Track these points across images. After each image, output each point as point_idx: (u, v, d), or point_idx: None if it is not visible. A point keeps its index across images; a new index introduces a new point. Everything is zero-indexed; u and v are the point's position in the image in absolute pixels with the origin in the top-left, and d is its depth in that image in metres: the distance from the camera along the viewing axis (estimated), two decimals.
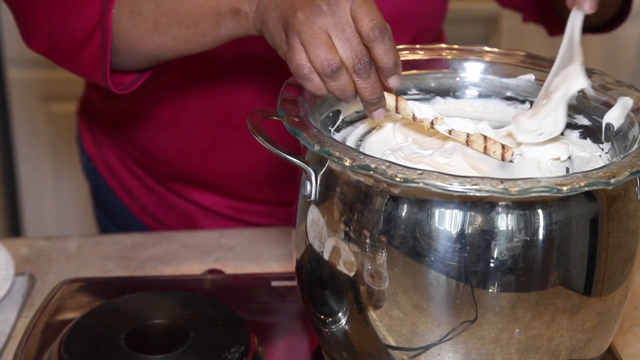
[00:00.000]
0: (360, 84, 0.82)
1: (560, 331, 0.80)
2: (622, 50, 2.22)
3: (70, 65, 1.07)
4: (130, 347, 0.95)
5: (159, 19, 0.98)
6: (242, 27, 0.92)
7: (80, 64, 1.04)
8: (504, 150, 0.86)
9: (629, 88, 0.91)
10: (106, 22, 1.00)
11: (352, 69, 0.81)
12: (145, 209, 1.36)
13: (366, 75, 0.82)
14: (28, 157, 2.32)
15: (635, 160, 0.78)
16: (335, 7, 0.81)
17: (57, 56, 1.07)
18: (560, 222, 0.77)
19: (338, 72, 0.81)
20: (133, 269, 1.17)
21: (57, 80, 2.21)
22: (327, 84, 0.82)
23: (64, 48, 1.04)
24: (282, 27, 0.84)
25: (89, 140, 1.38)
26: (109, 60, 1.01)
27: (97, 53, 1.01)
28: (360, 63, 0.81)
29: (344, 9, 0.81)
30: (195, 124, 1.23)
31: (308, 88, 0.83)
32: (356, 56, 0.81)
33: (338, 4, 0.81)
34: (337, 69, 0.81)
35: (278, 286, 1.10)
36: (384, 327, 0.82)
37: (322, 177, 0.83)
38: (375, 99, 0.83)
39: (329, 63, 0.81)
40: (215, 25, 0.95)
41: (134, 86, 1.06)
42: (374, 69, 0.82)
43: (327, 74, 0.81)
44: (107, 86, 1.04)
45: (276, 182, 1.26)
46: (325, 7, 0.81)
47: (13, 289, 1.10)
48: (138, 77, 1.06)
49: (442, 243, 0.77)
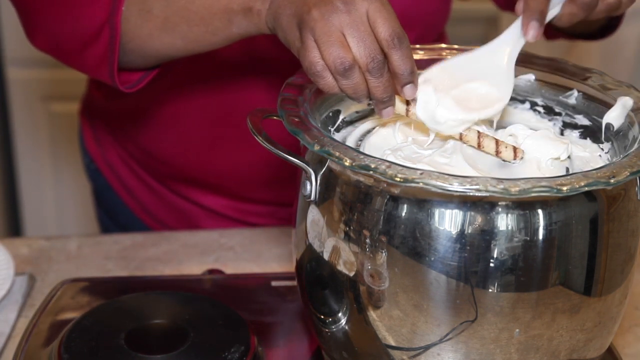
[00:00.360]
0: (372, 83, 0.82)
1: (560, 331, 0.80)
2: (622, 50, 2.22)
3: (75, 63, 1.06)
4: (130, 347, 0.95)
5: (169, 17, 0.97)
6: (254, 25, 0.92)
7: (86, 62, 1.03)
8: (515, 152, 0.86)
9: (629, 88, 0.91)
10: (115, 20, 0.99)
11: (365, 68, 0.81)
12: (147, 209, 1.36)
13: (379, 74, 0.81)
14: (28, 157, 2.32)
15: (635, 160, 0.78)
16: (351, 6, 0.81)
17: (62, 54, 1.06)
18: (560, 222, 0.77)
19: (351, 70, 0.81)
20: (133, 269, 1.17)
21: (57, 80, 2.21)
22: (339, 82, 0.82)
23: (70, 46, 1.04)
24: (296, 24, 0.83)
25: (91, 140, 1.38)
26: (116, 59, 1.01)
27: (104, 51, 1.01)
28: (373, 62, 0.81)
29: (359, 8, 0.81)
30: (198, 124, 1.23)
31: (320, 86, 0.83)
32: (369, 55, 0.81)
33: (354, 2, 0.81)
34: (349, 67, 0.81)
35: (278, 286, 1.10)
36: (384, 327, 0.82)
37: (322, 177, 0.83)
38: (386, 97, 0.83)
39: (342, 61, 0.80)
40: (227, 24, 0.94)
41: (140, 84, 1.05)
42: (387, 68, 0.82)
43: (339, 72, 0.81)
44: (114, 84, 1.03)
45: (277, 182, 1.26)
46: (341, 5, 0.81)
47: (13, 289, 1.10)
48: (145, 75, 1.05)
49: (442, 243, 0.77)
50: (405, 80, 0.83)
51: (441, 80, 0.88)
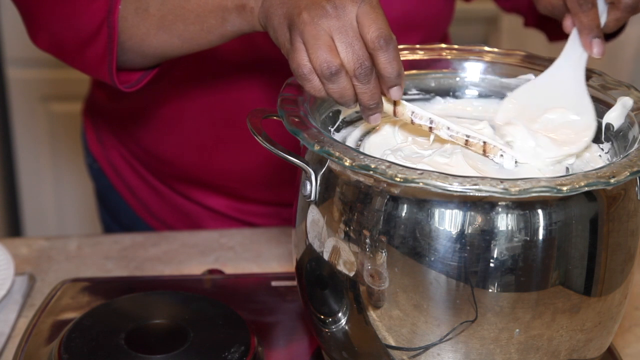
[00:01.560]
0: (359, 89, 0.82)
1: (560, 331, 0.80)
2: (622, 50, 2.22)
3: (77, 63, 1.07)
4: (130, 347, 0.95)
5: (165, 16, 0.98)
6: (247, 23, 0.92)
7: (87, 61, 1.04)
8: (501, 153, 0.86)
9: (629, 88, 0.91)
10: (112, 19, 1.00)
11: (352, 73, 0.81)
12: (150, 209, 1.36)
13: (366, 81, 0.81)
14: (28, 157, 2.32)
15: (635, 160, 0.78)
16: (340, 10, 0.81)
17: (63, 54, 1.07)
18: (560, 222, 0.77)
19: (337, 75, 0.81)
20: (133, 269, 1.17)
21: (57, 80, 2.21)
22: (326, 86, 0.82)
23: (70, 46, 1.04)
24: (287, 25, 0.84)
25: (94, 140, 1.38)
26: (115, 58, 1.01)
27: (103, 50, 1.01)
28: (361, 68, 0.80)
29: (349, 12, 0.81)
30: (200, 124, 1.23)
31: (307, 89, 0.83)
32: (357, 60, 0.80)
33: (344, 7, 0.81)
34: (336, 71, 0.80)
35: (278, 286, 1.10)
36: (384, 327, 0.82)
37: (322, 177, 0.83)
38: (373, 104, 0.83)
39: (328, 65, 0.80)
40: (222, 21, 0.94)
41: (140, 84, 1.06)
42: (375, 74, 0.82)
43: (326, 76, 0.81)
44: (113, 84, 1.04)
45: (280, 182, 1.26)
46: (331, 9, 0.81)
47: (13, 289, 1.10)
48: (144, 74, 1.06)
49: (442, 243, 0.77)
50: (391, 83, 0.82)
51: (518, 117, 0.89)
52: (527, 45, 1.63)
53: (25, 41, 1.10)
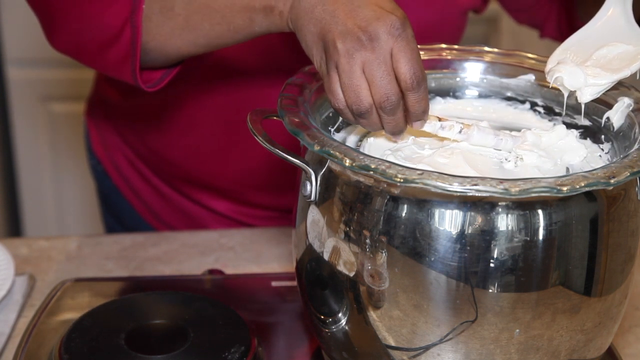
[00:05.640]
0: (385, 119, 0.84)
1: (560, 331, 0.80)
2: None
3: (96, 64, 1.06)
4: (130, 347, 0.95)
5: (191, 16, 0.96)
6: (275, 25, 0.91)
7: (108, 62, 1.02)
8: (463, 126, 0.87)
9: (629, 88, 0.91)
10: (136, 19, 0.98)
11: (379, 105, 0.83)
12: (153, 211, 1.35)
13: (392, 113, 0.83)
14: (28, 157, 2.32)
15: (635, 160, 0.78)
16: (375, 43, 0.81)
17: (82, 55, 1.05)
18: (560, 222, 0.77)
19: (367, 113, 0.83)
20: (133, 269, 1.17)
21: (57, 80, 2.21)
22: (356, 120, 0.85)
23: (91, 47, 1.03)
24: (322, 47, 0.84)
25: (98, 141, 1.37)
26: (138, 58, 1.00)
27: (126, 51, 1.00)
28: (387, 101, 0.82)
29: (384, 45, 0.81)
30: (212, 128, 1.22)
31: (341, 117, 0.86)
32: (385, 94, 0.82)
33: (379, 39, 0.81)
34: (365, 111, 0.83)
35: (278, 286, 1.10)
36: (384, 327, 0.82)
37: (322, 177, 0.83)
38: (397, 131, 0.86)
39: (358, 107, 0.82)
40: (249, 22, 0.93)
41: (163, 82, 1.04)
42: (401, 107, 0.84)
43: (356, 114, 0.83)
44: (136, 83, 1.02)
45: (287, 187, 1.25)
46: (366, 41, 0.81)
47: (13, 289, 1.10)
48: (166, 73, 1.04)
49: (442, 243, 0.77)
50: (416, 119, 0.85)
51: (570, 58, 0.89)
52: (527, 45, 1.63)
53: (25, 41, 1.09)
